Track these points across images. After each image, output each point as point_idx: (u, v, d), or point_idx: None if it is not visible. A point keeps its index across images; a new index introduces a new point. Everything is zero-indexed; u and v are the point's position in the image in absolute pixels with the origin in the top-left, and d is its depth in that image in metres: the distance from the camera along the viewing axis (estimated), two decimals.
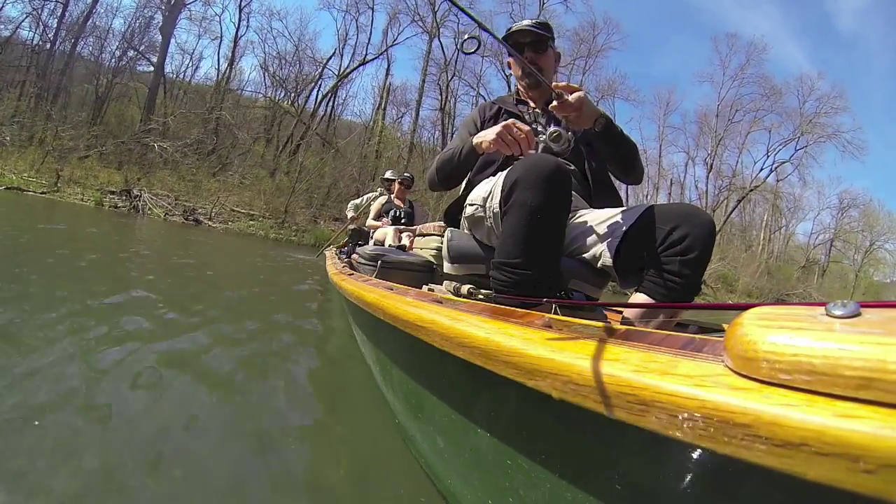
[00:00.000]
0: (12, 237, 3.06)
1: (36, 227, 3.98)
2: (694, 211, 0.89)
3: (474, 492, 0.58)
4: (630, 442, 0.34)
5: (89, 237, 4.05)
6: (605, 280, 1.07)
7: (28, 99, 13.41)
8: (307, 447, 0.95)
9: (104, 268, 2.58)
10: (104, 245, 3.67)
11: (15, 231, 3.40)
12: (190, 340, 1.47)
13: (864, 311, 0.26)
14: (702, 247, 0.85)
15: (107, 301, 1.77)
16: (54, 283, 1.90)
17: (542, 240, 0.83)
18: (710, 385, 0.27)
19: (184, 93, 16.65)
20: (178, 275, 2.85)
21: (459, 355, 0.49)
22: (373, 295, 0.87)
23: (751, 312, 0.29)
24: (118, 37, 15.67)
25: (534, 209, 0.81)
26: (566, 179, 0.83)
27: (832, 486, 0.22)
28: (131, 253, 3.47)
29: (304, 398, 1.23)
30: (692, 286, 0.87)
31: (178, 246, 4.80)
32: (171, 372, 1.17)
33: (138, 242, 4.39)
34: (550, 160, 0.83)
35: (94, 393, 0.98)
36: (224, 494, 0.73)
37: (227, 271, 3.67)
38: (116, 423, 0.88)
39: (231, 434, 0.93)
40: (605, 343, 0.37)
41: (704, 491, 0.30)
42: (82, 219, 5.76)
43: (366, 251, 1.88)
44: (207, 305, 2.02)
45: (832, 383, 0.23)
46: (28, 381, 0.97)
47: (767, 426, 0.23)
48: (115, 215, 7.68)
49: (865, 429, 0.21)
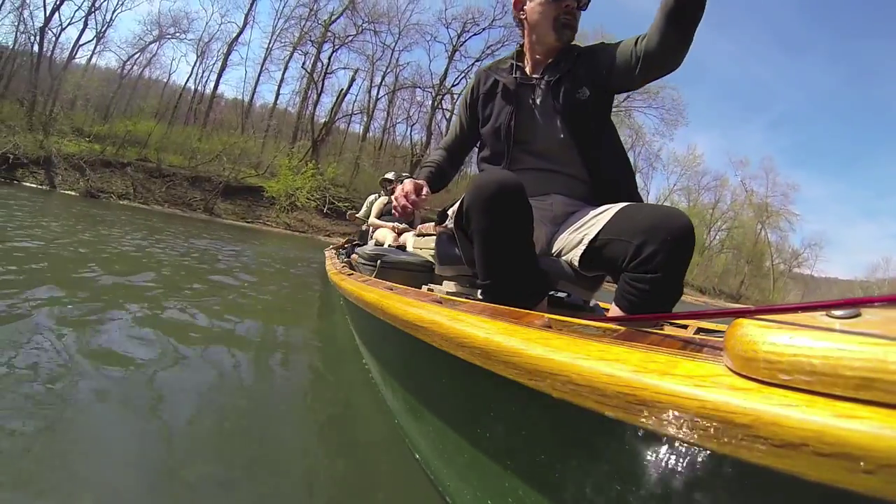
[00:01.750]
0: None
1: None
2: (663, 222, 0.79)
3: (474, 492, 0.58)
4: (630, 442, 0.34)
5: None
6: (594, 282, 1.03)
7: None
8: (306, 447, 0.95)
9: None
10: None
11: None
12: (189, 338, 1.47)
13: (864, 311, 0.26)
14: (676, 262, 0.79)
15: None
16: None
17: (501, 260, 0.83)
18: (710, 385, 0.27)
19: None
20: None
21: (459, 355, 0.49)
22: (372, 295, 0.87)
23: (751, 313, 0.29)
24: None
25: (484, 233, 0.82)
26: (511, 194, 0.80)
27: (832, 487, 0.22)
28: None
29: (304, 398, 1.23)
30: (667, 302, 0.81)
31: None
32: (170, 371, 1.17)
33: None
34: (492, 180, 0.80)
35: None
36: (223, 494, 0.73)
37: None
38: (108, 435, 0.88)
39: (230, 433, 0.93)
40: (605, 343, 0.37)
41: (704, 491, 0.30)
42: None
43: (365, 251, 1.88)
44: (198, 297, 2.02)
45: (832, 383, 0.23)
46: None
47: (767, 426, 0.23)
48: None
49: (865, 429, 0.21)
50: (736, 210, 30.06)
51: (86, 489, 0.67)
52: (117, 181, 13.94)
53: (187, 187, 14.80)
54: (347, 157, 20.70)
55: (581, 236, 0.92)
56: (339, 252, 3.55)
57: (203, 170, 15.57)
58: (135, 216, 7.81)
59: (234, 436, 0.93)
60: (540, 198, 1.03)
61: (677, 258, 0.79)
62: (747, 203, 29.60)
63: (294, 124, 20.76)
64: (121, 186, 13.80)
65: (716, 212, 29.91)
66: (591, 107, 1.00)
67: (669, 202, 27.84)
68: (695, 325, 1.11)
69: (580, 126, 1.01)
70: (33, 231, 3.41)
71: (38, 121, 14.64)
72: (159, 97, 20.75)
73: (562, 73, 1.02)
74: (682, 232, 0.78)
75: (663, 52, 0.88)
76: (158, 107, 19.66)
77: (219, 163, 15.81)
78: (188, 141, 17.03)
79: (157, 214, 10.41)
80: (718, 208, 30.04)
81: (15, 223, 3.71)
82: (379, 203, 3.54)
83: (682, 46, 0.86)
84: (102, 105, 18.66)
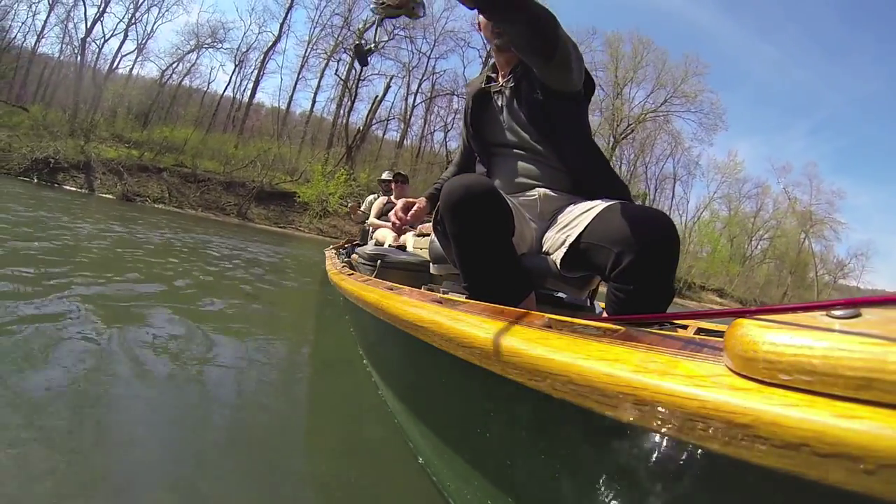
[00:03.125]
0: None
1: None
2: (641, 230, 0.76)
3: (474, 492, 0.58)
4: (630, 442, 0.34)
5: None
6: (583, 281, 1.01)
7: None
8: (306, 447, 0.95)
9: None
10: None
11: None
12: (186, 335, 1.47)
13: (864, 311, 0.26)
14: (657, 271, 0.77)
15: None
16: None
17: (475, 262, 0.85)
18: (710, 385, 0.27)
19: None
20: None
21: (459, 355, 0.49)
22: (373, 295, 0.87)
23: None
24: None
25: (456, 237, 0.84)
26: (479, 196, 0.80)
27: (832, 486, 0.22)
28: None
29: (303, 398, 1.23)
30: (655, 310, 0.80)
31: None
32: (168, 371, 1.17)
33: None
34: (460, 184, 0.81)
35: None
36: (222, 494, 0.73)
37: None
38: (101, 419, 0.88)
39: (229, 433, 0.93)
40: (605, 343, 0.37)
41: (704, 491, 0.30)
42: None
43: (365, 251, 1.88)
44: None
45: (832, 383, 0.23)
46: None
47: (768, 426, 0.23)
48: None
49: (865, 429, 0.21)
50: (778, 219, 28.47)
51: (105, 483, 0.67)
52: (153, 185, 14.39)
53: (221, 192, 15.16)
54: (383, 164, 20.69)
55: (564, 237, 0.93)
56: (339, 252, 3.55)
57: (237, 175, 15.94)
58: (171, 220, 8.03)
59: (234, 436, 0.93)
60: (524, 193, 1.06)
61: (658, 268, 0.76)
62: (790, 211, 27.90)
63: (329, 131, 20.92)
64: (156, 190, 14.23)
65: (757, 221, 28.50)
66: (548, 106, 1.04)
67: (709, 211, 27.23)
68: (695, 326, 1.11)
69: (544, 123, 1.06)
70: (69, 230, 3.55)
71: (80, 128, 15.33)
72: (199, 105, 21.49)
73: (518, 78, 1.08)
74: (661, 241, 0.76)
75: (537, 69, 0.97)
76: (198, 115, 20.34)
77: (253, 168, 16.19)
78: (224, 147, 17.50)
79: (191, 218, 10.82)
80: (760, 217, 28.59)
81: (55, 223, 3.85)
82: (378, 203, 3.53)
83: (543, 65, 0.93)
84: (142, 112, 19.38)
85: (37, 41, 19.71)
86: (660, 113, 23.46)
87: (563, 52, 0.90)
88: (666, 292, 0.81)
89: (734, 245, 27.32)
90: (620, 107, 23.07)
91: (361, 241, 3.71)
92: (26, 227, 3.18)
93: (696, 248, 25.40)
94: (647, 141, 24.74)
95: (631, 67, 23.47)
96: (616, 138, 22.80)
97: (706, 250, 25.76)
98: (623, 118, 23.18)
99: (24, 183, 11.19)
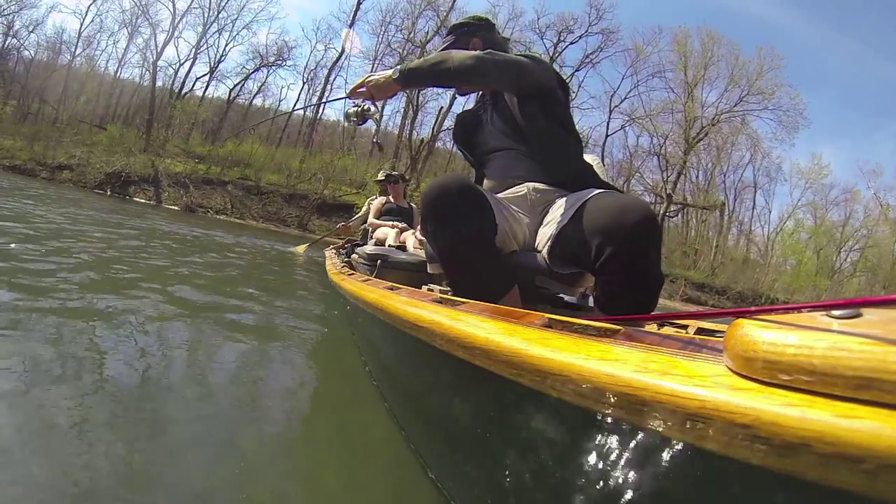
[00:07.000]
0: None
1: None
2: (617, 220, 0.77)
3: (475, 492, 0.58)
4: (630, 442, 0.34)
5: None
6: (573, 278, 0.99)
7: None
8: (306, 447, 0.95)
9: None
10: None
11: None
12: (184, 334, 1.47)
13: (864, 311, 0.26)
14: (638, 259, 0.77)
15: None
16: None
17: (454, 258, 0.88)
18: (710, 385, 0.27)
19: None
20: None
21: (460, 355, 0.49)
22: (373, 295, 0.87)
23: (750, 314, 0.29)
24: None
25: (434, 235, 0.88)
26: (452, 192, 0.84)
27: (832, 487, 0.22)
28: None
29: (303, 398, 1.23)
30: (644, 297, 0.80)
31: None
32: (166, 371, 1.17)
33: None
34: (437, 184, 0.87)
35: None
36: (221, 493, 0.73)
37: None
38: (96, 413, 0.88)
39: (228, 432, 0.93)
40: (605, 343, 0.37)
41: (704, 491, 0.30)
42: None
43: (365, 251, 1.89)
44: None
45: (832, 383, 0.23)
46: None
47: (767, 426, 0.23)
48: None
49: (865, 429, 0.21)
50: (869, 227, 24.79)
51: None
52: (217, 197, 14.99)
53: (282, 203, 15.48)
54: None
55: (550, 232, 0.93)
56: (339, 252, 3.55)
57: (301, 188, 16.23)
58: (231, 230, 8.34)
59: (230, 434, 0.93)
60: (514, 188, 1.08)
61: (638, 255, 0.77)
62: (882, 219, 24.41)
63: (395, 143, 20.80)
64: (219, 202, 14.82)
65: (847, 230, 24.88)
66: (524, 107, 1.12)
67: (793, 220, 24.27)
68: (695, 326, 1.11)
69: (523, 122, 1.12)
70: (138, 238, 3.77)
71: (153, 146, 16.49)
72: (270, 123, 22.48)
73: (496, 92, 1.20)
74: (637, 228, 0.75)
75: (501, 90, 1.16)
76: (269, 131, 21.19)
77: (316, 181, 16.42)
78: (290, 161, 17.90)
79: (252, 229, 11.43)
80: (850, 225, 25.00)
81: (124, 231, 4.09)
82: (377, 203, 3.53)
83: (502, 88, 1.12)
84: (212, 130, 20.48)
85: (118, 67, 22.35)
86: (735, 113, 21.17)
87: (507, 74, 1.02)
88: (652, 280, 0.81)
89: (821, 257, 23.69)
90: (692, 108, 20.93)
91: (361, 241, 3.70)
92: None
93: (778, 261, 22.69)
94: (724, 146, 22.23)
95: (701, 65, 21.37)
96: (689, 142, 20.77)
97: (790, 263, 22.86)
98: (696, 119, 21.02)
99: (99, 195, 12.38)
